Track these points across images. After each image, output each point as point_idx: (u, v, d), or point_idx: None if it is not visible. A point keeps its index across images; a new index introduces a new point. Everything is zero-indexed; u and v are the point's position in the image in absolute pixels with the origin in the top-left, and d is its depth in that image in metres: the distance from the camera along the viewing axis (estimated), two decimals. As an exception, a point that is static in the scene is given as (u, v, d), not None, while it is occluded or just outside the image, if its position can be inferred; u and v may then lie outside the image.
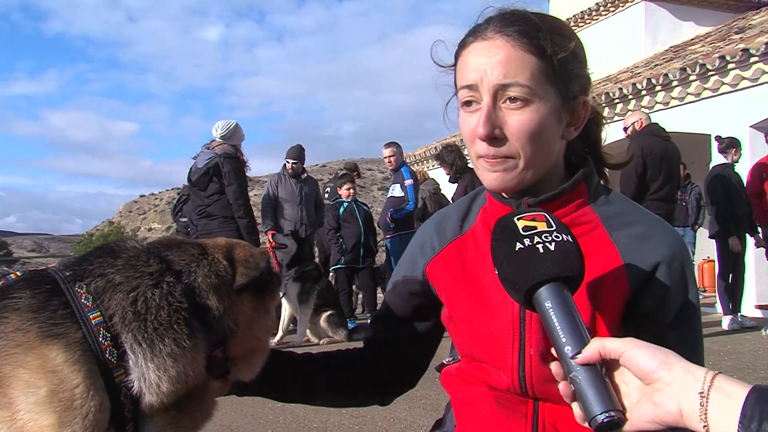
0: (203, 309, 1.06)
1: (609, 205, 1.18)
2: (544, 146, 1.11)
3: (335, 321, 6.99)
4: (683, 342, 1.10)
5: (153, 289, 1.03)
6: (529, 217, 0.95)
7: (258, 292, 1.15)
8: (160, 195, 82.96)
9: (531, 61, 1.07)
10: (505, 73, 1.06)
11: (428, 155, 16.46)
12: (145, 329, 1.00)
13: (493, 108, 1.08)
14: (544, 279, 0.89)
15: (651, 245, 1.12)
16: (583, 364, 0.84)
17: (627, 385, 0.84)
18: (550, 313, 0.88)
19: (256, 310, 1.15)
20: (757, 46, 8.46)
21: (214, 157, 6.34)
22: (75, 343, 0.96)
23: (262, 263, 1.14)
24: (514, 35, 1.08)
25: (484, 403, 1.16)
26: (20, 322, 0.96)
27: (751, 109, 8.66)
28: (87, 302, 1.00)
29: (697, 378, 0.78)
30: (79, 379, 0.94)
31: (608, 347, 0.84)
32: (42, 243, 78.18)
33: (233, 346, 1.11)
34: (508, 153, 1.10)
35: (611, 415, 0.81)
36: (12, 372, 0.93)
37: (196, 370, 1.03)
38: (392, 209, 7.93)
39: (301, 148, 8.06)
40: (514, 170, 1.11)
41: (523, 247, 0.91)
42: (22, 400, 0.92)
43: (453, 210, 1.33)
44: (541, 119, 1.08)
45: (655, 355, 0.82)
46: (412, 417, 4.01)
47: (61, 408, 0.93)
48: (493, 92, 1.08)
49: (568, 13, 13.81)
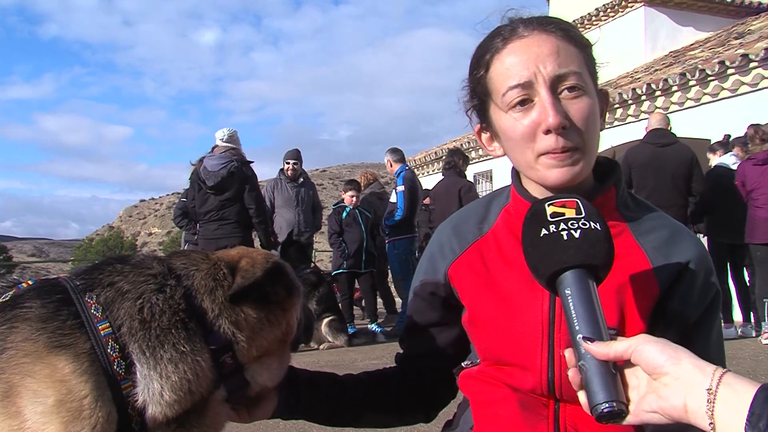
0: (200, 311, 1.05)
1: (635, 211, 1.19)
2: (597, 136, 1.13)
3: (336, 326, 6.97)
4: (707, 340, 1.14)
5: (157, 294, 1.03)
6: (560, 203, 0.94)
7: (262, 301, 1.12)
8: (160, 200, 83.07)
9: (575, 52, 1.10)
10: (560, 63, 1.07)
11: (428, 159, 16.49)
12: (149, 337, 1.00)
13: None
14: (565, 266, 0.89)
15: (677, 249, 1.14)
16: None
17: (638, 379, 0.84)
18: (569, 299, 0.88)
19: (260, 319, 1.11)
20: (757, 51, 8.48)
21: (232, 161, 6.31)
22: (83, 354, 0.96)
23: (258, 272, 1.09)
24: (553, 29, 1.10)
25: (506, 405, 1.16)
26: (30, 331, 0.96)
27: (750, 114, 8.68)
28: (96, 313, 1.00)
29: (706, 374, 0.78)
30: (87, 390, 0.94)
31: (617, 349, 0.84)
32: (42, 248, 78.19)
33: (241, 353, 1.08)
34: (573, 144, 1.08)
35: (612, 406, 0.81)
36: (20, 381, 0.93)
37: (199, 375, 1.02)
38: (386, 215, 7.96)
39: (298, 150, 8.09)
40: (579, 163, 1.10)
41: (548, 233, 0.91)
42: (30, 409, 0.92)
43: (469, 213, 1.32)
44: (593, 107, 1.10)
45: (663, 349, 0.81)
46: (412, 422, 3.99)
47: (69, 418, 0.93)
48: (551, 84, 1.07)
49: (567, 18, 13.71)
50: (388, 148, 8.20)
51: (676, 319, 1.12)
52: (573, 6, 14.55)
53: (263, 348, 1.11)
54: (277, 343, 1.14)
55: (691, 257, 1.14)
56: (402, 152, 8.28)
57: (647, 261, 1.13)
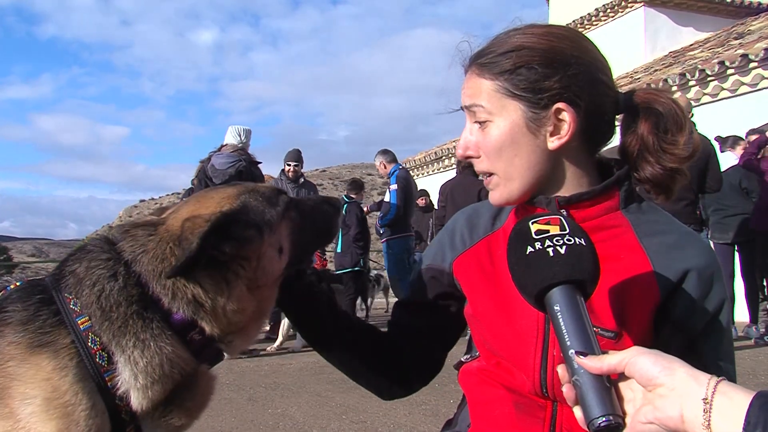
0: (155, 299, 1.04)
1: (641, 212, 1.18)
2: (523, 158, 1.13)
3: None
4: (714, 351, 1.12)
5: (111, 281, 1.04)
6: (544, 221, 0.95)
7: (214, 265, 1.04)
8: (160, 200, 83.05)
9: (486, 84, 1.14)
10: (469, 96, 1.17)
11: (428, 160, 16.49)
12: (113, 328, 1.02)
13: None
14: (552, 282, 0.89)
15: (683, 254, 1.13)
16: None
17: (633, 392, 0.84)
18: (558, 315, 0.89)
19: (217, 284, 1.05)
20: (756, 51, 8.48)
21: (240, 161, 6.29)
22: (63, 349, 0.99)
23: (194, 242, 1.00)
24: (471, 63, 1.19)
25: (502, 406, 1.17)
26: (13, 335, 1.00)
27: (750, 115, 8.67)
28: (75, 308, 1.03)
29: (701, 383, 0.78)
30: (67, 384, 0.97)
31: (610, 362, 0.84)
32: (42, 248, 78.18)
33: (210, 325, 1.06)
34: (487, 170, 1.18)
35: (609, 419, 0.81)
36: (9, 384, 0.97)
37: (169, 358, 1.03)
38: (381, 215, 7.97)
39: (299, 151, 8.07)
40: (499, 186, 1.18)
41: (534, 250, 0.92)
42: (21, 410, 0.96)
43: (485, 207, 1.33)
44: (503, 134, 1.13)
45: (656, 361, 0.81)
46: (412, 423, 4.00)
47: (58, 415, 0.96)
48: (469, 115, 1.18)
49: (567, 19, 13.85)
50: (378, 151, 8.14)
51: (680, 327, 1.11)
52: (573, 6, 14.56)
53: (235, 308, 1.07)
54: (249, 297, 1.09)
55: (696, 264, 1.12)
56: (393, 153, 8.20)
57: (648, 263, 1.12)
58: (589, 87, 1.12)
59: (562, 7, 15.28)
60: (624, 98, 1.18)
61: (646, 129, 1.15)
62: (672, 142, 1.14)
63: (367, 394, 1.45)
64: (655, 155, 1.14)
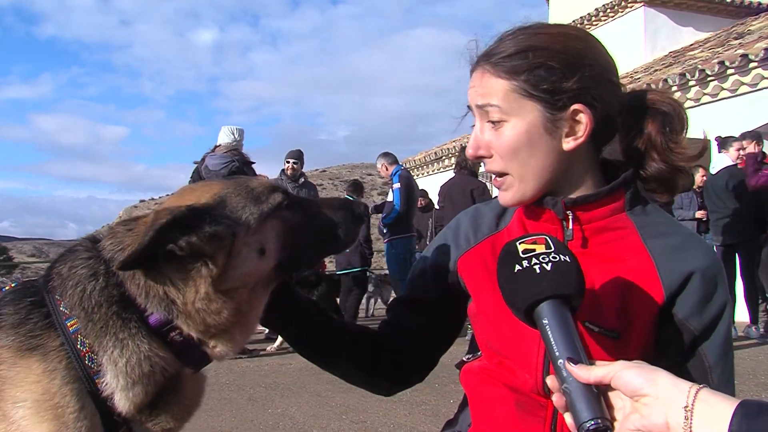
0: (130, 298, 1.03)
1: (646, 215, 1.19)
2: (536, 159, 1.13)
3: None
4: (714, 352, 1.13)
5: (92, 281, 1.03)
6: (530, 240, 0.99)
7: (181, 264, 1.01)
8: (160, 200, 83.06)
9: (501, 83, 1.12)
10: (482, 95, 1.15)
11: (428, 160, 16.49)
12: (95, 329, 1.01)
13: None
14: (540, 297, 0.93)
15: (686, 256, 1.14)
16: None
17: (622, 401, 0.88)
18: (547, 328, 0.93)
19: (185, 282, 1.02)
20: (756, 51, 8.49)
21: (234, 162, 6.30)
22: (52, 352, 1.00)
23: (149, 234, 0.96)
24: (484, 61, 1.16)
25: (503, 405, 1.17)
26: (4, 339, 1.01)
27: (750, 115, 8.68)
28: (65, 310, 1.02)
29: (682, 391, 0.81)
30: (56, 387, 0.98)
31: (597, 374, 0.87)
32: (42, 248, 78.13)
33: (187, 324, 1.03)
34: (500, 170, 1.17)
35: (598, 422, 0.85)
36: (1, 387, 0.98)
37: (148, 358, 1.01)
38: (384, 215, 7.96)
39: (300, 150, 8.08)
40: (512, 187, 1.17)
41: (522, 268, 0.96)
42: (13, 413, 0.97)
43: (490, 206, 1.34)
44: (518, 134, 1.12)
45: (640, 373, 0.85)
46: (412, 423, 4.00)
47: (49, 417, 0.97)
48: (481, 114, 1.16)
49: (567, 19, 13.85)
50: (380, 153, 8.16)
51: (682, 328, 1.12)
52: (573, 6, 14.56)
53: (203, 308, 1.02)
54: (221, 298, 1.03)
55: (699, 266, 1.13)
56: (394, 155, 8.23)
57: (653, 264, 1.13)
58: (602, 88, 1.13)
59: (562, 6, 15.29)
60: (630, 98, 1.19)
61: (654, 129, 1.17)
62: (678, 141, 1.16)
63: (367, 394, 1.45)
64: (662, 154, 1.17)
